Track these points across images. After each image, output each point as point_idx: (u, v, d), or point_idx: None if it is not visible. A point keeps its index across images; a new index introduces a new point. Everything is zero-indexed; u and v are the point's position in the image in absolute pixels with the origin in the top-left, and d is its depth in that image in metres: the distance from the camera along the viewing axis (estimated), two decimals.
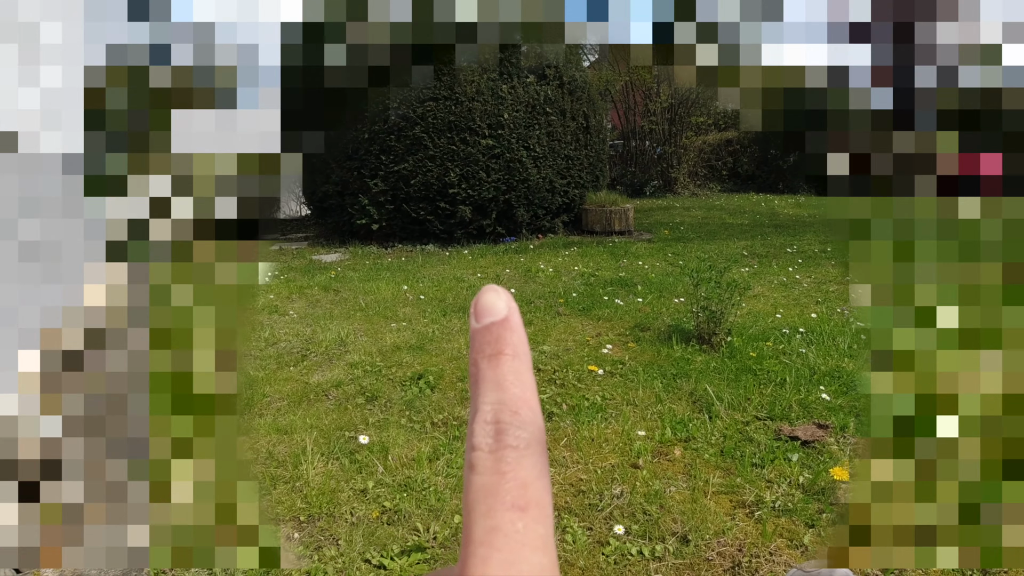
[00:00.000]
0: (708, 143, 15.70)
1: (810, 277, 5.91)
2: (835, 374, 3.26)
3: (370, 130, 7.68)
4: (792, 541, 1.93)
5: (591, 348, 3.79)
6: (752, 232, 9.03)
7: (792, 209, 11.85)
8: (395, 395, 3.09)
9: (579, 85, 8.72)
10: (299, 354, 3.77)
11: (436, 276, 6.08)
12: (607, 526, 2.01)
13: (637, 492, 2.18)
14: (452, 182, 7.70)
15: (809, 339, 3.87)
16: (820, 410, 2.83)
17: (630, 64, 13.91)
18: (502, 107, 7.84)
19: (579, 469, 2.36)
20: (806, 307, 4.79)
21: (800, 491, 2.18)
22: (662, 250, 7.55)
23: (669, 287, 5.41)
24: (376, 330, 4.25)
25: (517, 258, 7.07)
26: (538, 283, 5.79)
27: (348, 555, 1.88)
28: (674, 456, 2.47)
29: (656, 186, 14.60)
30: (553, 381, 3.27)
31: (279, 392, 3.16)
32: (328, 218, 8.53)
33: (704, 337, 3.80)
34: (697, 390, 3.07)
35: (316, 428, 2.71)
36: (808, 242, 7.95)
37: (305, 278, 6.01)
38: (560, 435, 2.64)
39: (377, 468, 2.37)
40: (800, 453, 2.44)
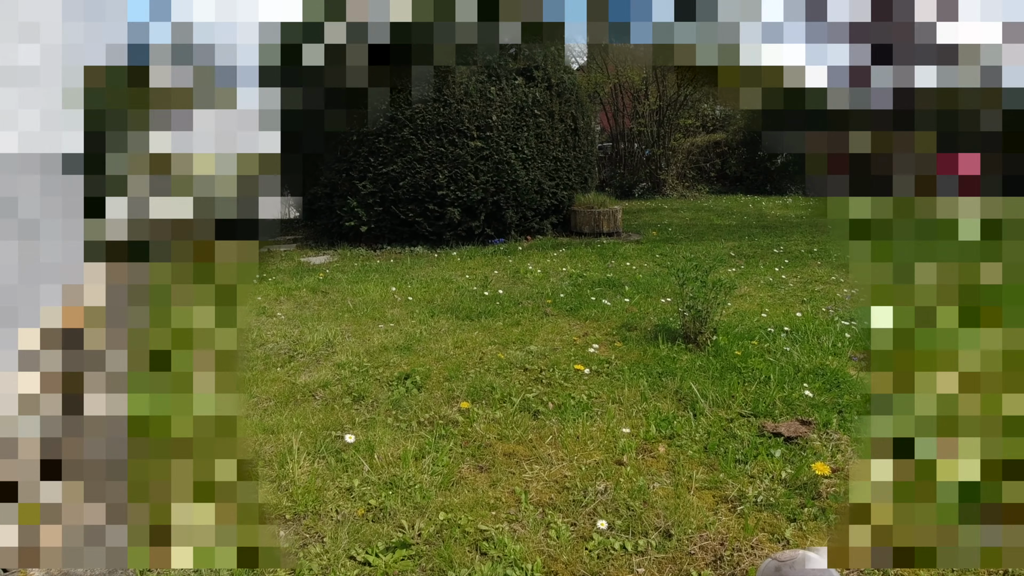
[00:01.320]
0: (696, 145, 15.79)
1: (796, 277, 5.96)
2: (819, 371, 3.29)
3: (359, 132, 7.67)
4: (774, 535, 1.95)
5: (578, 348, 3.81)
6: (740, 233, 9.09)
7: (779, 210, 11.94)
8: (382, 395, 3.10)
9: (567, 87, 8.76)
10: (286, 355, 3.76)
11: (424, 278, 6.09)
12: (591, 521, 2.02)
13: (621, 488, 2.20)
14: (441, 184, 7.71)
15: (794, 338, 3.91)
16: (803, 407, 2.86)
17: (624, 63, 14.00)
18: (490, 109, 7.86)
19: (564, 466, 2.38)
20: (792, 306, 4.83)
21: (782, 486, 2.21)
22: (650, 251, 7.59)
23: (656, 287, 5.44)
24: (364, 331, 4.25)
25: (506, 259, 7.09)
26: (526, 284, 5.81)
27: (333, 552, 1.88)
28: (658, 453, 2.49)
29: (645, 188, 14.67)
30: (539, 380, 3.28)
31: (266, 392, 3.16)
32: (317, 220, 8.52)
33: (690, 336, 3.83)
34: (682, 388, 3.09)
35: (303, 428, 2.72)
36: (795, 242, 8.01)
37: (293, 280, 6.00)
38: (546, 433, 2.66)
39: (363, 467, 2.38)
40: (783, 449, 2.46)
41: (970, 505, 1.22)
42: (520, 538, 1.94)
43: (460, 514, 2.06)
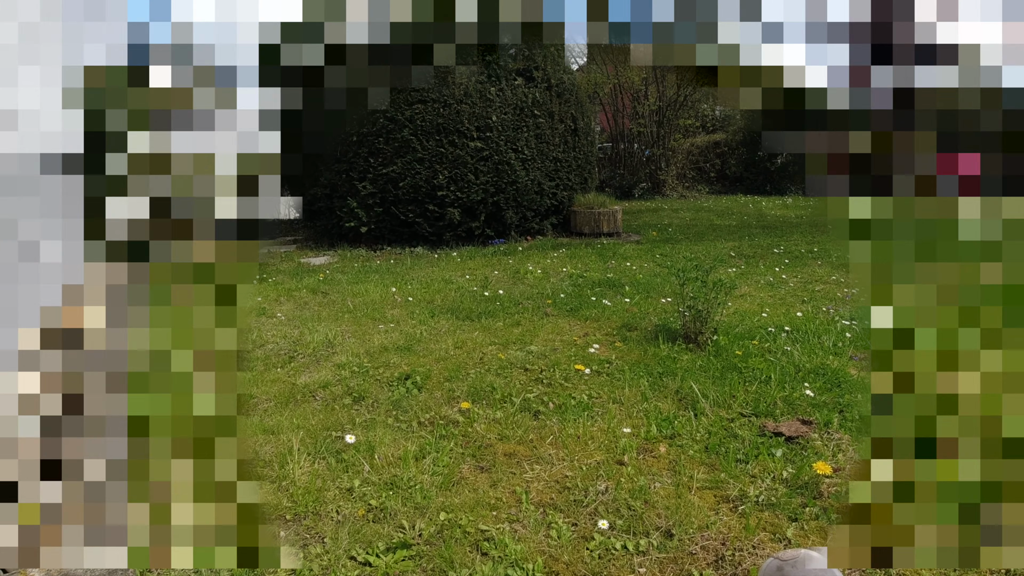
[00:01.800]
0: (696, 145, 15.79)
1: (796, 277, 5.96)
2: (820, 371, 3.29)
3: (358, 132, 7.67)
4: (775, 535, 1.95)
5: (578, 348, 3.81)
6: (740, 233, 9.09)
7: (779, 210, 11.94)
8: (382, 395, 3.10)
9: (567, 88, 8.76)
10: (286, 355, 3.76)
11: (424, 278, 6.09)
12: (592, 521, 2.02)
13: (622, 488, 2.20)
14: (441, 184, 7.71)
15: (794, 337, 3.90)
16: (804, 407, 2.86)
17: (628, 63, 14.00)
18: (490, 109, 7.86)
19: (565, 466, 2.38)
20: (792, 306, 4.83)
21: (784, 486, 2.20)
22: (650, 251, 7.59)
23: (656, 287, 5.44)
24: (364, 332, 4.25)
25: (506, 260, 7.09)
26: (527, 284, 5.81)
27: (333, 552, 1.88)
28: (659, 453, 2.48)
29: (645, 188, 14.66)
30: (540, 380, 3.28)
31: (266, 393, 3.16)
32: (317, 221, 8.52)
33: (690, 336, 3.82)
34: (683, 388, 3.09)
35: (303, 428, 2.71)
36: (795, 243, 8.01)
37: (293, 281, 6.00)
38: (546, 433, 2.65)
39: (363, 467, 2.37)
40: (784, 449, 2.46)
41: (970, 505, 1.22)
42: (521, 538, 1.94)
43: (461, 514, 2.06)
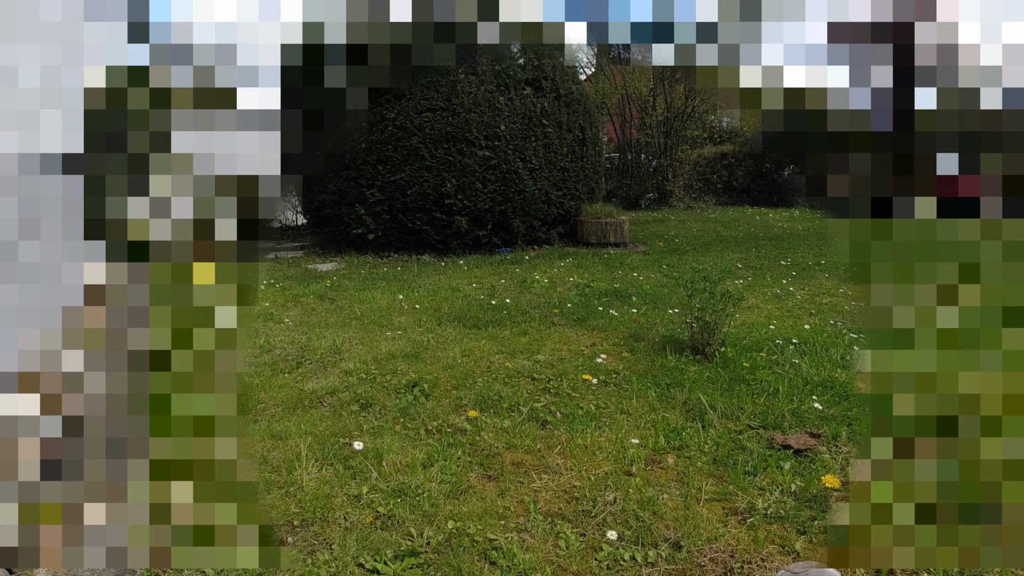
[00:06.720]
0: (703, 156, 15.81)
1: (804, 289, 5.95)
2: (828, 384, 3.28)
3: (367, 140, 7.71)
4: (784, 547, 1.94)
5: (585, 358, 3.81)
6: (747, 244, 9.09)
7: (787, 222, 11.93)
8: (390, 402, 3.10)
9: (575, 98, 8.79)
10: (294, 361, 3.77)
11: (432, 286, 6.10)
12: (600, 532, 2.01)
13: (630, 499, 2.19)
14: (448, 192, 7.73)
15: (802, 350, 3.89)
16: (813, 419, 2.85)
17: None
18: (499, 118, 7.89)
19: (573, 476, 2.37)
20: (799, 318, 4.82)
21: (792, 498, 2.19)
22: (657, 262, 7.59)
23: (663, 298, 5.44)
24: (371, 338, 4.25)
25: (513, 269, 7.10)
26: (533, 294, 5.81)
27: (341, 559, 1.88)
28: (667, 464, 2.48)
29: (652, 199, 14.68)
30: (548, 390, 3.28)
31: (273, 399, 3.16)
32: (324, 227, 8.55)
33: (698, 347, 3.82)
34: (690, 399, 3.08)
35: (310, 434, 2.72)
36: (802, 255, 8.00)
37: (301, 286, 6.02)
38: (554, 443, 2.65)
39: (371, 474, 2.37)
40: (792, 461, 2.45)
41: (971, 505, 1.21)
42: (529, 548, 1.94)
43: (469, 523, 2.06)
